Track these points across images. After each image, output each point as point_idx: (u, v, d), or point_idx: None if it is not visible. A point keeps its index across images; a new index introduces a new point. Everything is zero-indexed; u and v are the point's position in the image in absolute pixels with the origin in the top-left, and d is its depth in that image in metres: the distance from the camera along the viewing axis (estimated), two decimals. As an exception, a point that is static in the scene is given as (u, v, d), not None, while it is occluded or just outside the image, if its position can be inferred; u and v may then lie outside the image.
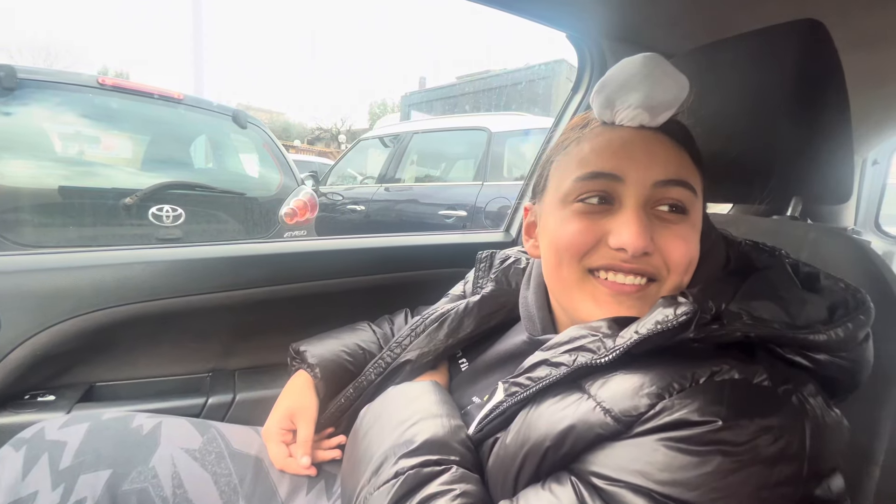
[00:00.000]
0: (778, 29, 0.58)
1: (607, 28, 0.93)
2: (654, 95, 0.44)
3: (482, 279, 0.68)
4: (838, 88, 0.56)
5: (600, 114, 0.48)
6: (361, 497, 0.42)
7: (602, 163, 0.45)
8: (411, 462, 0.41)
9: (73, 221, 1.89)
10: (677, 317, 0.36)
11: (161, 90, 2.17)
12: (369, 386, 0.63)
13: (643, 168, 0.44)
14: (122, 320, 0.77)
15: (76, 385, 0.78)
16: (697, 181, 0.46)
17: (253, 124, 2.55)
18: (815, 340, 0.36)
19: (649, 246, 0.42)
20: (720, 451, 0.31)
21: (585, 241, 0.45)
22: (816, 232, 0.59)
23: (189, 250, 0.87)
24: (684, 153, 0.47)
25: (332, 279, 0.95)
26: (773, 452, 0.31)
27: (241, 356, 0.91)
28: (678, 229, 0.44)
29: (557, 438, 0.36)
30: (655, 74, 0.45)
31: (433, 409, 0.48)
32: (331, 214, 3.75)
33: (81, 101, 2.02)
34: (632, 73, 0.45)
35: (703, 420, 0.32)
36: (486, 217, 2.72)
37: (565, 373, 0.39)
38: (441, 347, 0.62)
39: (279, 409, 0.65)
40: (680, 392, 0.34)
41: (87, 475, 0.51)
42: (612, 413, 0.35)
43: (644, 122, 0.46)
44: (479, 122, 3.21)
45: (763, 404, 0.33)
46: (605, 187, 0.45)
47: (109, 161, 2.26)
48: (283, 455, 0.62)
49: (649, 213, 0.44)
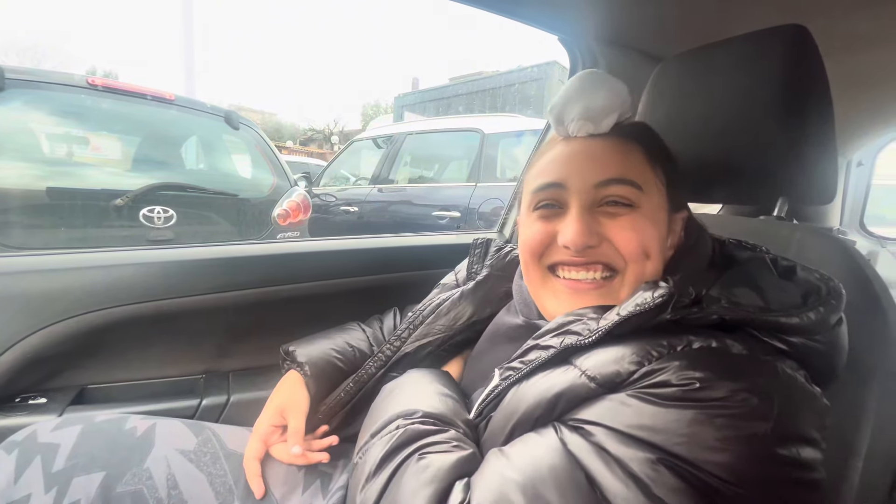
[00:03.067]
0: (764, 34, 0.59)
1: (598, 32, 0.94)
2: (592, 105, 0.50)
3: (476, 265, 0.71)
4: (822, 92, 0.57)
5: (556, 130, 0.54)
6: (363, 449, 0.46)
7: (550, 174, 0.51)
8: (411, 420, 0.45)
9: (62, 223, 1.87)
10: (654, 299, 0.39)
11: (152, 91, 2.15)
12: (370, 380, 0.65)
13: (583, 173, 0.49)
14: (115, 322, 0.77)
15: (68, 387, 0.77)
16: (648, 175, 0.50)
17: (245, 125, 2.53)
18: (788, 323, 0.39)
19: (590, 240, 0.47)
20: (689, 406, 0.34)
21: (541, 241, 0.51)
22: (802, 232, 0.60)
23: (181, 252, 0.87)
24: (635, 152, 0.50)
25: (326, 280, 0.95)
26: (741, 410, 0.34)
27: (236, 357, 0.91)
28: (624, 220, 0.48)
29: (548, 406, 0.40)
30: (591, 87, 0.50)
31: (439, 389, 0.52)
32: (324, 216, 3.74)
33: (70, 101, 2.00)
34: (573, 90, 0.51)
35: (681, 382, 0.35)
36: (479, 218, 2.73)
37: (553, 353, 0.42)
38: (440, 337, 0.65)
39: (270, 406, 0.66)
40: (659, 358, 0.37)
41: (81, 477, 0.51)
42: (597, 380, 0.38)
43: (591, 131, 0.51)
44: (473, 124, 3.22)
45: (738, 369, 0.36)
46: (553, 195, 0.51)
47: (99, 162, 2.23)
48: (257, 452, 0.61)
49: (596, 212, 0.49)
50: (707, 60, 0.68)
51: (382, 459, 0.42)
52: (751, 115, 0.59)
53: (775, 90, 0.56)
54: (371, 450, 0.44)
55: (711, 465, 0.33)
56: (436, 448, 0.42)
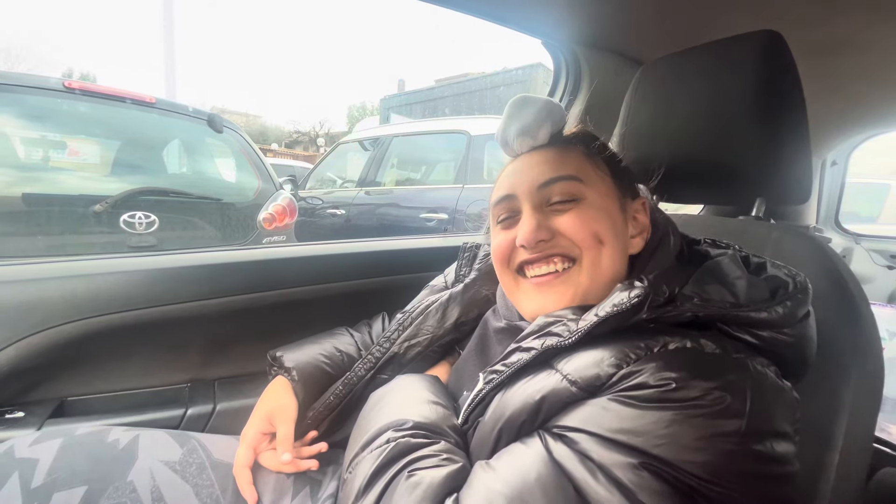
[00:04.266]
0: (739, 39, 0.61)
1: (581, 36, 0.96)
2: (525, 122, 0.55)
3: (465, 269, 0.72)
4: (796, 94, 0.59)
5: (505, 152, 0.60)
6: (353, 464, 0.45)
7: (502, 189, 0.56)
8: (402, 433, 0.45)
9: (39, 230, 1.81)
10: (630, 299, 0.40)
11: (132, 94, 2.10)
12: (359, 382, 0.65)
13: (527, 180, 0.54)
14: (95, 332, 0.75)
15: (47, 401, 0.75)
16: (588, 168, 0.54)
17: (229, 128, 2.50)
18: (758, 317, 0.41)
19: (540, 234, 0.50)
20: (667, 407, 0.35)
21: (505, 248, 0.55)
22: (779, 231, 0.62)
23: (164, 259, 0.85)
24: (573, 152, 0.55)
25: (313, 285, 0.94)
26: (716, 408, 0.35)
27: (221, 366, 0.89)
28: (572, 213, 0.51)
29: (532, 411, 0.40)
30: (522, 107, 0.55)
31: (428, 396, 0.52)
32: (310, 219, 3.71)
33: (46, 105, 1.94)
34: (508, 114, 0.56)
35: (658, 383, 0.36)
36: (467, 219, 2.74)
37: (534, 355, 0.43)
38: (429, 337, 0.65)
39: (257, 412, 0.65)
40: (637, 360, 0.38)
41: (61, 493, 0.50)
42: (578, 384, 0.39)
43: (531, 144, 0.56)
44: (459, 126, 3.23)
45: (712, 368, 0.37)
46: (508, 206, 0.55)
47: (77, 167, 2.18)
48: (247, 460, 0.60)
49: (546, 211, 0.52)
50: (686, 64, 0.69)
51: (373, 475, 0.42)
52: (728, 117, 0.61)
53: (751, 93, 0.58)
54: (361, 464, 0.44)
55: (691, 465, 0.33)
56: (426, 463, 0.41)
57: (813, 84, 0.72)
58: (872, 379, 0.51)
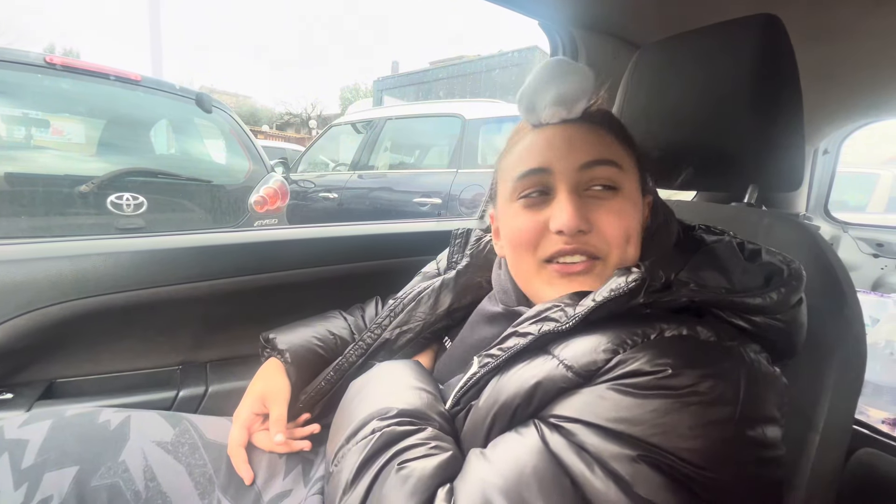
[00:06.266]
0: (737, 23, 0.60)
1: (578, 18, 0.94)
2: (564, 91, 0.49)
3: (457, 255, 0.71)
4: (792, 81, 0.59)
5: (527, 118, 0.54)
6: (339, 456, 0.44)
7: (531, 160, 0.50)
8: (387, 422, 0.44)
9: (23, 211, 1.78)
10: (628, 283, 0.40)
11: (117, 70, 2.04)
12: (350, 367, 0.65)
13: (566, 156, 0.49)
14: (83, 314, 0.74)
15: (35, 382, 0.75)
16: (625, 158, 0.51)
17: (218, 108, 2.44)
18: (752, 303, 0.41)
19: (583, 224, 0.46)
20: (663, 395, 0.35)
21: (534, 230, 0.49)
22: (770, 217, 0.62)
23: (153, 240, 0.84)
24: (608, 135, 0.51)
25: (305, 269, 0.94)
26: (711, 396, 0.35)
27: (213, 348, 0.89)
28: (611, 205, 0.48)
29: (526, 396, 0.40)
30: (561, 73, 0.50)
31: (412, 382, 0.51)
32: (302, 202, 3.67)
33: (27, 81, 1.88)
34: (543, 77, 0.51)
35: (654, 370, 0.36)
36: (461, 204, 2.73)
37: (531, 340, 0.42)
38: (420, 324, 0.65)
39: (251, 393, 0.65)
40: (633, 347, 0.38)
41: (52, 473, 0.50)
42: (574, 369, 0.39)
43: (564, 117, 0.51)
44: (454, 109, 3.19)
45: (706, 355, 0.37)
46: (539, 180, 0.50)
47: (61, 146, 2.12)
48: (241, 440, 0.61)
49: (583, 195, 0.48)
50: (683, 48, 0.69)
51: (360, 468, 0.41)
52: (723, 102, 0.61)
53: (747, 79, 0.58)
54: (347, 457, 0.43)
55: (686, 453, 0.33)
56: (414, 452, 0.40)
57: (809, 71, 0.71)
58: (855, 363, 0.52)
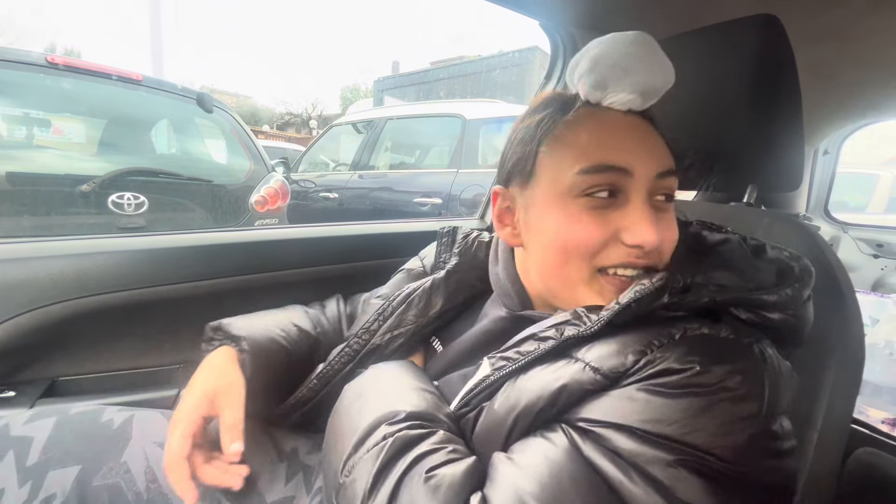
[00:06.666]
0: (736, 23, 0.61)
1: (579, 18, 0.94)
2: (650, 81, 0.44)
3: (445, 254, 0.68)
4: (792, 81, 0.59)
5: (589, 94, 0.46)
6: (349, 466, 0.41)
7: (608, 155, 0.44)
8: (397, 427, 0.42)
9: (24, 210, 1.78)
10: (654, 283, 0.39)
11: (118, 70, 2.04)
12: (336, 375, 0.60)
13: (646, 160, 0.44)
14: (85, 313, 0.74)
15: (38, 380, 0.75)
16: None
17: (219, 108, 2.45)
18: (768, 300, 0.41)
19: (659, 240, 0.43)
20: (693, 393, 0.35)
21: (599, 238, 0.44)
22: (770, 217, 0.63)
23: (154, 239, 0.84)
24: (663, 140, 0.48)
25: (305, 267, 0.94)
26: (739, 392, 0.35)
27: (214, 347, 0.89)
28: (670, 218, 0.47)
29: (550, 398, 0.38)
30: (650, 58, 0.44)
31: (413, 383, 0.49)
32: (303, 202, 3.67)
33: (29, 81, 1.88)
34: (626, 54, 0.43)
35: (683, 367, 0.35)
36: (461, 204, 2.73)
37: (553, 345, 0.41)
38: (412, 328, 0.61)
39: (195, 392, 0.55)
40: (660, 347, 0.37)
41: (56, 471, 0.50)
42: (601, 371, 0.37)
43: (634, 107, 0.45)
44: (454, 109, 3.19)
45: (730, 353, 0.37)
46: (613, 181, 0.44)
47: (62, 146, 2.12)
48: (183, 451, 0.50)
49: (649, 204, 0.45)
50: (683, 48, 0.69)
51: (376, 477, 0.38)
52: (724, 103, 0.61)
53: (747, 79, 0.58)
54: (360, 466, 0.40)
55: (719, 450, 0.33)
56: (435, 458, 0.39)
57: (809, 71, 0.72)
58: (854, 363, 0.52)
